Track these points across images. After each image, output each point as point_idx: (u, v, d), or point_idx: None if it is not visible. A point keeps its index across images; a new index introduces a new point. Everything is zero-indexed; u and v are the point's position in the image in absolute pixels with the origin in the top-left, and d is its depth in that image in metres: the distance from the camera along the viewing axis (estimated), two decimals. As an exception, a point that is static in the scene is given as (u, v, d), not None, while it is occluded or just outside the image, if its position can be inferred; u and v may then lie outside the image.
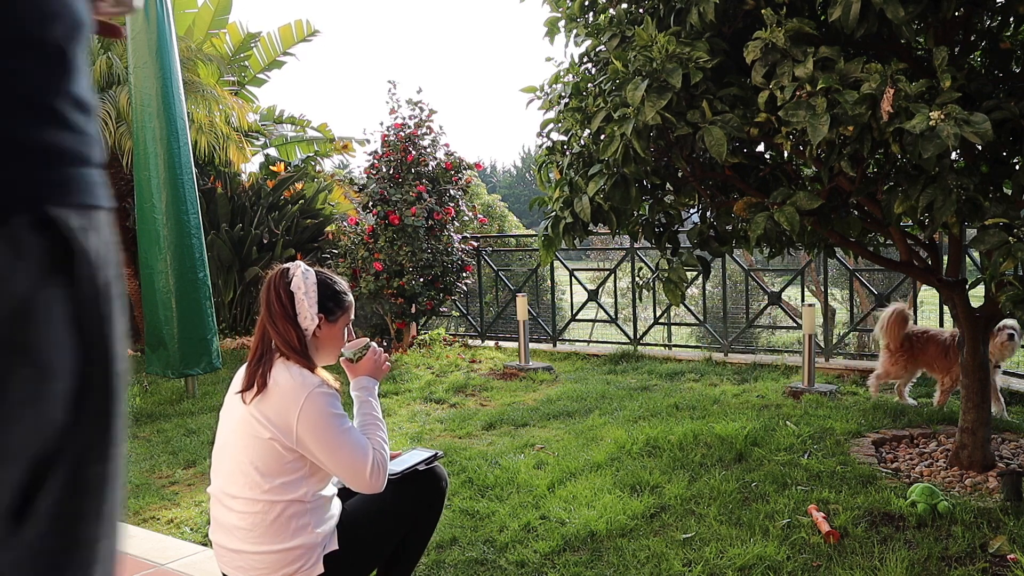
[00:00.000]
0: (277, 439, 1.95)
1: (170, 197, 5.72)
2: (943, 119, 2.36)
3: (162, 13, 5.68)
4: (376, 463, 2.01)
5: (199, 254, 5.86)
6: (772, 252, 3.76)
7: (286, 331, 2.03)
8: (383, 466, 2.03)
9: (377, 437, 2.09)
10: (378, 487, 2.03)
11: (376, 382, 2.24)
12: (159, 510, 3.69)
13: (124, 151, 8.20)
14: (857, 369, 5.77)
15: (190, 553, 2.99)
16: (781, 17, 2.70)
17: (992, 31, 3.19)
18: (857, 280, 6.49)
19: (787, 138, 2.94)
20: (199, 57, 8.85)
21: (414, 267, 7.60)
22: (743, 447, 3.95)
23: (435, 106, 8.19)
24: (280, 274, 2.08)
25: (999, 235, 2.57)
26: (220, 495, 2.05)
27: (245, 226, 9.04)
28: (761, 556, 2.76)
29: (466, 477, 3.78)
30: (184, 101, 5.92)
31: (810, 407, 4.74)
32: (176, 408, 5.86)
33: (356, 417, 2.15)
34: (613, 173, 3.21)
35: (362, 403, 2.17)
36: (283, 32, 10.39)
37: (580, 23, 3.46)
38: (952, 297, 3.53)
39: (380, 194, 7.73)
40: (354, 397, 2.19)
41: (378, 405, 2.19)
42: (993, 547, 2.77)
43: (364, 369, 2.23)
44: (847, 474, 3.55)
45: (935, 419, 4.39)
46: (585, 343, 7.83)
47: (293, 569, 1.99)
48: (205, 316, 5.88)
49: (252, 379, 2.02)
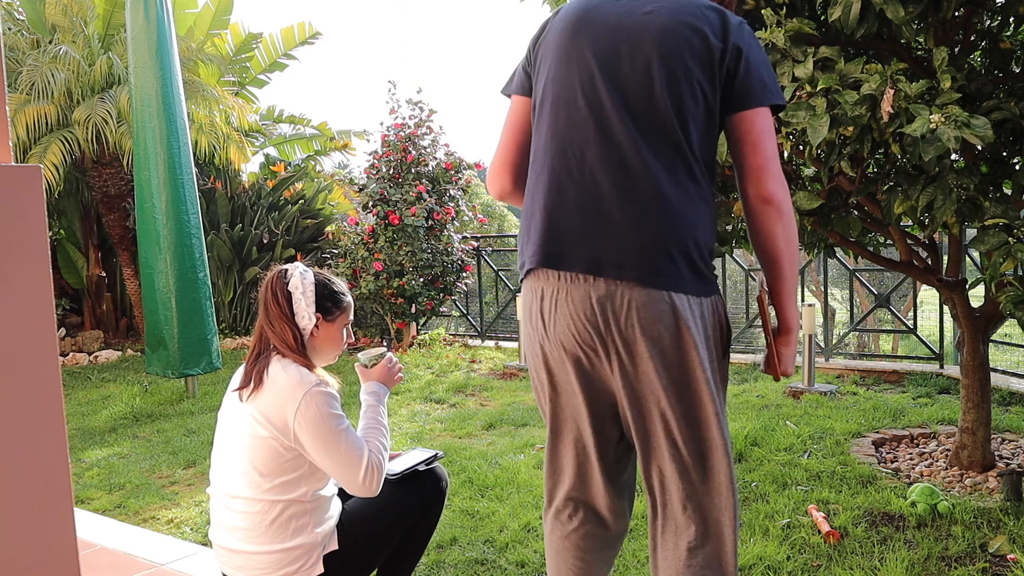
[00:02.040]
0: (275, 438, 1.95)
1: (170, 197, 5.72)
2: (943, 122, 2.36)
3: (162, 13, 5.68)
4: (371, 466, 1.99)
5: (199, 254, 5.87)
6: (772, 252, 3.75)
7: (283, 330, 2.03)
8: (378, 470, 2.01)
9: (376, 442, 2.07)
10: (371, 491, 2.01)
11: (387, 390, 2.23)
12: (159, 510, 3.69)
13: (124, 151, 8.21)
14: (857, 369, 5.77)
15: (190, 553, 2.99)
16: (781, 17, 2.70)
17: (992, 31, 3.18)
18: (857, 280, 6.49)
19: (787, 138, 2.94)
20: (200, 57, 8.86)
21: (414, 267, 7.61)
22: (743, 447, 3.95)
23: (435, 106, 8.21)
24: (278, 275, 2.09)
25: (999, 235, 2.57)
26: (219, 495, 2.05)
27: (245, 226, 9.04)
28: (761, 556, 2.76)
29: (466, 477, 3.78)
30: (184, 101, 5.93)
31: (810, 407, 4.74)
32: (176, 408, 5.86)
33: (360, 420, 2.15)
34: (613, 173, 3.20)
35: (369, 407, 2.17)
36: (285, 34, 10.39)
37: (580, 23, 3.46)
38: (952, 297, 3.53)
39: (380, 194, 7.74)
40: (362, 400, 2.19)
41: (385, 411, 2.18)
42: (993, 547, 2.77)
43: (376, 376, 2.24)
44: (847, 474, 3.55)
45: (935, 419, 4.39)
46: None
47: (293, 569, 1.99)
48: (205, 316, 5.89)
49: (249, 377, 2.02)
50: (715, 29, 1.58)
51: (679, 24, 1.58)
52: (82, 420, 5.70)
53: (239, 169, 9.81)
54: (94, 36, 8.49)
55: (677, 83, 1.55)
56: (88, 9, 8.49)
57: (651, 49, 1.57)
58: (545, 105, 1.66)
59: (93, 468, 4.45)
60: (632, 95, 1.57)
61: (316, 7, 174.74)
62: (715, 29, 1.58)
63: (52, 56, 8.01)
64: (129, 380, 7.07)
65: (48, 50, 8.14)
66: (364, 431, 2.10)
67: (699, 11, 1.60)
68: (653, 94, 1.56)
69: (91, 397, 6.48)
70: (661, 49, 1.56)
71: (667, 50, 1.56)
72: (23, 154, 7.97)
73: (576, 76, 1.62)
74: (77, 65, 8.08)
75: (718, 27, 1.58)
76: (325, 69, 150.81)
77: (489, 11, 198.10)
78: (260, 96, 14.33)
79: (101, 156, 8.62)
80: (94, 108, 7.92)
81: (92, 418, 5.74)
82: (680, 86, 1.55)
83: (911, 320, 6.40)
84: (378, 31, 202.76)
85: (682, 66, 1.56)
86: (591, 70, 1.60)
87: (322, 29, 10.55)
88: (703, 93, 1.57)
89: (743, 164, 1.60)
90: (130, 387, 6.69)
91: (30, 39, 8.56)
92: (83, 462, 4.60)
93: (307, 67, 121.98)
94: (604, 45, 1.61)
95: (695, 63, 1.56)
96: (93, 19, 8.59)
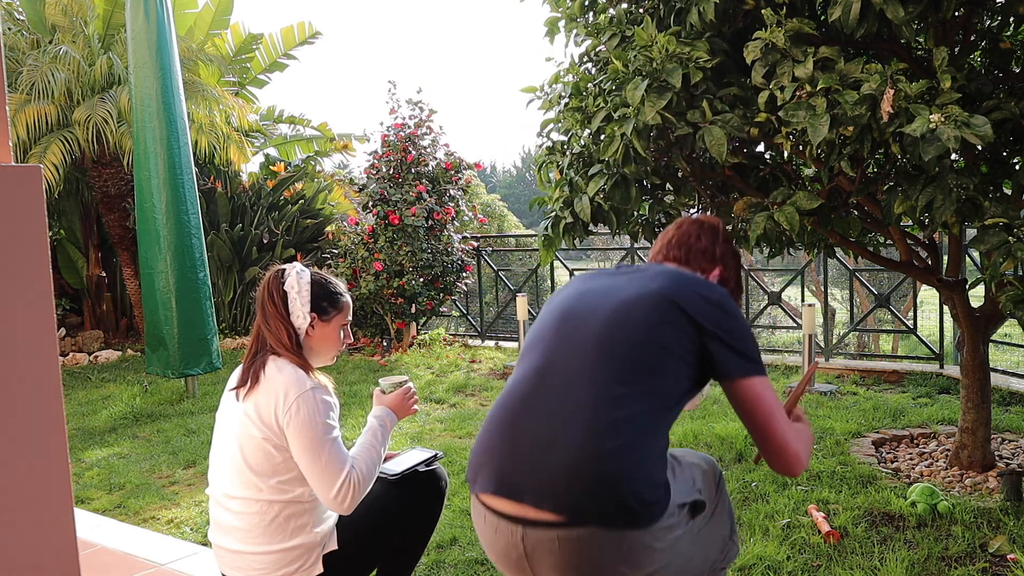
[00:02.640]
0: (268, 438, 1.95)
1: (170, 197, 5.72)
2: (943, 122, 2.36)
3: (162, 13, 5.68)
4: (349, 483, 1.94)
5: (199, 254, 5.87)
6: (772, 252, 3.76)
7: (279, 330, 2.03)
8: (355, 489, 1.95)
9: (364, 460, 2.02)
10: (343, 508, 1.95)
11: (395, 418, 2.20)
12: (159, 510, 3.69)
13: (124, 151, 8.21)
14: (857, 369, 5.77)
15: (190, 553, 2.99)
16: (781, 17, 2.70)
17: (992, 31, 3.18)
18: (857, 280, 6.49)
19: (787, 138, 2.94)
20: (200, 57, 8.86)
21: (414, 267, 7.61)
22: (743, 447, 3.95)
23: (435, 106, 8.21)
24: (275, 275, 2.10)
25: (999, 235, 2.57)
26: (218, 496, 2.05)
27: (245, 226, 9.04)
28: (761, 556, 2.76)
29: (466, 477, 3.77)
30: (184, 101, 5.93)
31: (810, 407, 4.74)
32: (176, 408, 5.86)
33: (360, 437, 2.13)
34: (613, 173, 3.21)
35: (370, 428, 2.13)
36: (285, 34, 10.39)
37: (580, 23, 3.46)
38: (952, 297, 3.53)
39: (380, 194, 7.74)
40: (368, 421, 2.18)
41: (384, 437, 2.14)
42: (993, 547, 2.77)
43: (389, 402, 2.22)
44: (847, 474, 3.55)
45: (935, 419, 4.39)
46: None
47: (292, 569, 1.99)
48: (205, 316, 5.88)
49: (246, 376, 2.02)
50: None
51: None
52: (82, 420, 5.70)
53: (239, 169, 9.81)
54: (94, 36, 8.49)
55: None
56: (88, 9, 8.49)
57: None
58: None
59: (93, 468, 4.45)
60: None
61: (316, 7, 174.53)
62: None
63: (52, 56, 8.01)
64: (129, 380, 7.07)
65: (48, 50, 8.14)
66: (356, 449, 2.07)
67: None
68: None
69: (91, 397, 6.48)
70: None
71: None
72: (23, 154, 7.97)
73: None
74: (77, 65, 8.08)
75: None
76: (325, 69, 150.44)
77: (489, 11, 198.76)
78: (260, 96, 14.34)
79: (101, 156, 8.62)
80: (94, 108, 7.92)
81: (92, 418, 5.74)
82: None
83: (911, 320, 6.40)
84: (378, 31, 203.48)
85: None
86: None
87: (322, 29, 10.55)
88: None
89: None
90: (130, 387, 6.68)
91: (30, 39, 8.56)
92: (83, 462, 4.60)
93: (307, 67, 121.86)
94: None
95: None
96: (93, 19, 8.58)
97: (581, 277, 1.76)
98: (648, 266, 1.72)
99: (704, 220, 1.91)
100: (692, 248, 1.84)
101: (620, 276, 1.68)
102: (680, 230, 1.89)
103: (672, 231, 1.90)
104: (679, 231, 1.89)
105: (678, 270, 1.67)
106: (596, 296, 1.62)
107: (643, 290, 1.58)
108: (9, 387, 1.00)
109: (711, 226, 1.90)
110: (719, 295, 1.60)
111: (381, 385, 2.26)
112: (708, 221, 1.91)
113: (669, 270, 1.66)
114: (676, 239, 1.87)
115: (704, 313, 1.54)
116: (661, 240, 1.91)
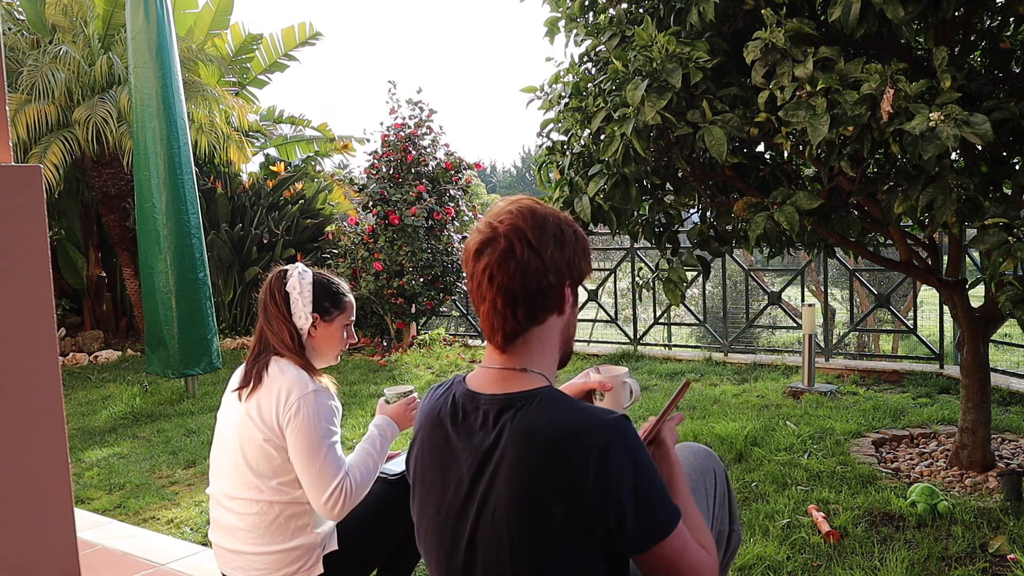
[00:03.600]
0: (268, 439, 1.95)
1: (170, 197, 5.72)
2: (943, 120, 2.36)
3: (162, 13, 5.68)
4: (342, 489, 1.93)
5: (199, 254, 5.87)
6: (772, 252, 3.76)
7: (281, 330, 2.04)
8: (348, 497, 1.94)
9: (359, 468, 2.01)
10: (333, 514, 1.95)
11: (396, 428, 2.19)
12: (159, 510, 3.69)
13: (124, 151, 8.21)
14: (857, 369, 5.77)
15: (190, 553, 2.99)
16: (781, 17, 2.70)
17: (992, 31, 3.19)
18: (857, 280, 6.49)
19: (787, 138, 2.94)
20: (200, 57, 8.86)
21: (414, 267, 7.61)
22: (743, 447, 3.95)
23: (435, 106, 8.21)
24: (277, 276, 2.10)
25: (999, 235, 2.57)
26: (219, 496, 2.05)
27: (245, 226, 9.04)
28: (761, 556, 2.76)
29: None
30: (184, 101, 5.93)
31: (810, 407, 4.74)
32: (176, 408, 5.86)
33: (359, 445, 2.13)
34: (613, 173, 3.21)
35: (370, 437, 2.13)
36: (285, 34, 10.39)
37: (580, 23, 3.46)
38: (952, 297, 3.53)
39: (380, 194, 7.74)
40: (369, 429, 2.18)
41: (386, 446, 2.14)
42: (993, 547, 2.77)
43: (391, 412, 2.21)
44: (847, 474, 3.55)
45: (935, 419, 4.39)
46: (585, 343, 7.83)
47: (293, 569, 1.99)
48: (205, 316, 5.88)
49: (249, 376, 2.02)
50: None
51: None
52: (82, 420, 5.70)
53: (239, 169, 9.81)
54: (94, 36, 8.49)
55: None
56: (88, 9, 8.49)
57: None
58: None
59: (93, 468, 4.45)
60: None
61: (316, 7, 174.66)
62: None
63: (52, 56, 8.01)
64: (129, 380, 7.07)
65: (48, 50, 8.14)
66: (353, 457, 2.06)
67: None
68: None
69: (91, 397, 6.48)
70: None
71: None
72: (23, 154, 7.97)
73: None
74: (77, 65, 8.08)
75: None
76: (325, 70, 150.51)
77: (489, 11, 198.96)
78: (260, 96, 14.34)
79: (101, 156, 8.62)
80: (94, 108, 7.92)
81: (92, 418, 5.74)
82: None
83: (911, 320, 6.40)
84: (378, 31, 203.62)
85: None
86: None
87: (322, 29, 10.56)
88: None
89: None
90: (130, 387, 6.68)
91: (30, 39, 8.56)
92: (83, 462, 4.60)
93: (308, 68, 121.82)
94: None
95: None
96: (93, 19, 8.58)
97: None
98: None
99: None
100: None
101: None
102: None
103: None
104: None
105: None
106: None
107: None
108: (9, 387, 1.00)
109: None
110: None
111: (386, 395, 2.25)
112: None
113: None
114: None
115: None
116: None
